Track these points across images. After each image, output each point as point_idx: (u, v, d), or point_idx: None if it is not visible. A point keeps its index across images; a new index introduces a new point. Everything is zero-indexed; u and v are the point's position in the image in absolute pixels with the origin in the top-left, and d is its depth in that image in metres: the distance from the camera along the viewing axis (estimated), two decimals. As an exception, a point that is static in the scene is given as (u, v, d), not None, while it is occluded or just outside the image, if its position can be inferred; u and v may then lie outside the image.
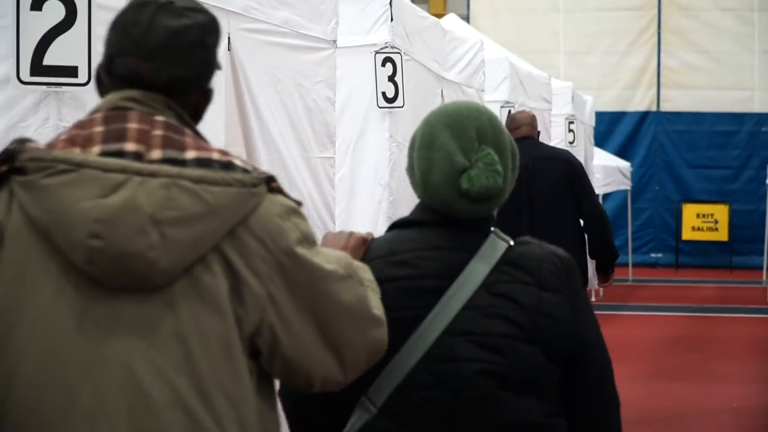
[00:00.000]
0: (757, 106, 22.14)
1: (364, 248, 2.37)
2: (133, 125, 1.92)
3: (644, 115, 22.67)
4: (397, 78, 6.40)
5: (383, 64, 6.39)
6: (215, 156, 1.94)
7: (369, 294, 2.08)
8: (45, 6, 3.46)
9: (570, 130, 12.47)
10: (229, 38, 4.47)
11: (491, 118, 2.40)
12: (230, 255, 1.92)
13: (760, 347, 11.81)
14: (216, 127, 4.39)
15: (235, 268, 1.91)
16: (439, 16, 10.80)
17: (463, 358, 2.24)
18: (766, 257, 17.99)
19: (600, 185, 17.33)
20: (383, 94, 6.41)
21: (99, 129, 1.92)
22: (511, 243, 2.32)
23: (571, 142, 12.41)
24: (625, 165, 20.51)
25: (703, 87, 22.29)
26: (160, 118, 1.96)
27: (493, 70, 9.53)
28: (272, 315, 1.94)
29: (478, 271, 2.27)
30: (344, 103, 6.34)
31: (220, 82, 4.41)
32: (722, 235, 21.10)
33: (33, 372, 1.87)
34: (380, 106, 6.43)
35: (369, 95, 6.45)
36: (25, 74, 3.44)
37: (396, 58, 6.40)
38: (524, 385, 2.25)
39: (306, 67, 5.22)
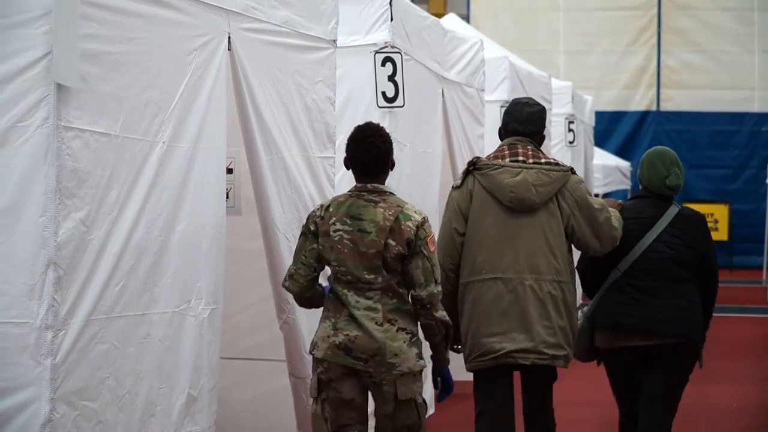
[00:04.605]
0: (757, 106, 22.14)
1: (620, 207, 5.32)
2: (520, 149, 5.04)
3: (644, 115, 22.67)
4: (397, 78, 6.39)
5: (383, 64, 6.38)
6: (551, 160, 5.05)
7: (612, 217, 5.09)
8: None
9: (570, 130, 12.45)
10: (229, 38, 4.47)
11: (675, 155, 5.36)
12: (558, 197, 4.97)
13: (760, 347, 11.80)
14: (216, 127, 4.39)
15: (560, 201, 4.98)
16: (439, 16, 10.79)
17: (661, 251, 5.19)
18: (766, 257, 17.98)
19: (600, 185, 17.32)
20: (383, 93, 6.40)
21: (507, 152, 5.04)
22: (680, 207, 5.30)
23: (571, 142, 12.40)
24: (624, 164, 20.51)
25: (703, 87, 22.29)
26: (529, 146, 5.07)
27: (493, 69, 9.52)
28: (573, 220, 4.98)
29: (667, 216, 5.24)
30: (344, 103, 6.33)
31: (220, 81, 4.41)
32: (722, 234, 21.09)
33: (487, 248, 4.96)
34: (380, 105, 6.42)
35: (369, 95, 6.44)
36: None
37: (396, 57, 6.39)
38: (683, 264, 5.21)
39: (306, 67, 5.22)
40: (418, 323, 4.49)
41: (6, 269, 3.49)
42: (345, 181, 6.44)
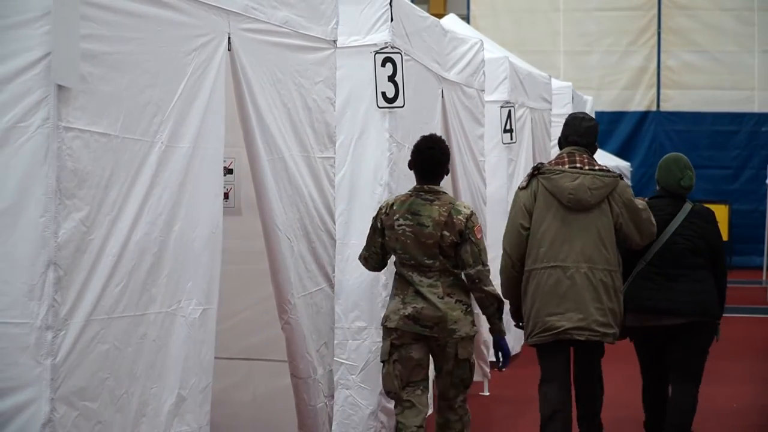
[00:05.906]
0: (757, 106, 22.12)
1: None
2: (577, 157, 6.13)
3: (644, 115, 22.66)
4: (397, 78, 6.39)
5: (383, 64, 6.38)
6: (603, 167, 6.13)
7: (651, 215, 6.10)
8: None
9: (570, 130, 12.42)
10: (229, 38, 4.47)
11: (688, 160, 6.42)
12: (609, 199, 6.03)
13: (760, 347, 11.80)
14: (215, 127, 4.39)
15: (611, 203, 6.03)
16: (439, 16, 10.79)
17: (678, 243, 6.22)
18: (766, 257, 17.98)
19: (600, 185, 17.23)
20: (383, 94, 6.40)
21: (566, 159, 6.15)
22: (693, 204, 6.31)
23: (571, 142, 12.37)
24: (625, 165, 20.49)
25: (703, 87, 22.27)
26: (585, 155, 6.16)
27: (493, 70, 9.52)
28: (621, 218, 6.03)
29: (683, 212, 6.26)
30: (344, 103, 6.34)
31: (219, 82, 4.41)
32: (722, 235, 21.07)
33: (548, 241, 5.99)
34: (380, 106, 6.42)
35: (369, 95, 6.44)
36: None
37: (396, 58, 6.39)
38: (697, 252, 6.22)
39: (306, 67, 5.21)
40: (472, 296, 5.60)
41: (6, 269, 3.49)
42: (345, 181, 6.45)
